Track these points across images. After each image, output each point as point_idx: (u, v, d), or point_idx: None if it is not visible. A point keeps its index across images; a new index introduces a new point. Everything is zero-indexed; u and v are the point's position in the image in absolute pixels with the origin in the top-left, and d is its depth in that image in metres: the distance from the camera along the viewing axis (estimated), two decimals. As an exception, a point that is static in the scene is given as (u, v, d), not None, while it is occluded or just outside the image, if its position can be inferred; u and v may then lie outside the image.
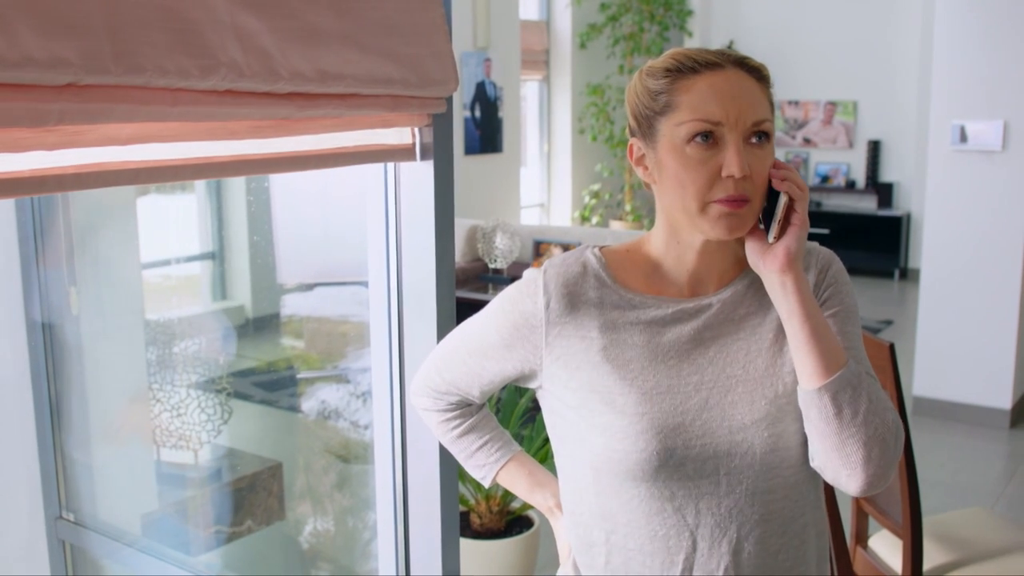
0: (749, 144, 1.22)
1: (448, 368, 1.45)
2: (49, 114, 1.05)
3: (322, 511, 3.04)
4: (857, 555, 2.74)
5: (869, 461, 1.19)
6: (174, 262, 3.25)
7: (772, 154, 1.26)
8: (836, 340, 1.23)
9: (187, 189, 3.33)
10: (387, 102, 1.50)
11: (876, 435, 1.19)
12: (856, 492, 1.23)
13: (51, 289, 2.47)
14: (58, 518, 2.56)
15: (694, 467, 1.25)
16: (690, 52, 1.26)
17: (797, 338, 1.22)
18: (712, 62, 1.24)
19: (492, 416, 1.56)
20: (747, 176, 1.21)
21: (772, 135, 1.25)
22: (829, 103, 10.07)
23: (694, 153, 1.22)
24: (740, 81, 1.23)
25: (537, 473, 1.53)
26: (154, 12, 1.14)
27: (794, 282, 1.23)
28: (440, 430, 1.53)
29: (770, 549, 1.28)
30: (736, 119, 1.21)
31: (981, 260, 5.24)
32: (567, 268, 1.34)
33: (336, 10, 1.40)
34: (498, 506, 3.37)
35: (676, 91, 1.24)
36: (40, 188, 1.16)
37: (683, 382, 1.28)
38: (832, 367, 1.20)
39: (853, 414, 1.19)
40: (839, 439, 1.20)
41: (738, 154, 1.20)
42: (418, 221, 1.70)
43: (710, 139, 1.21)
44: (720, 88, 1.22)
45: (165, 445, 2.79)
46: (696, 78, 1.23)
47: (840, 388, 1.19)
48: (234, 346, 3.13)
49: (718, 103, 1.21)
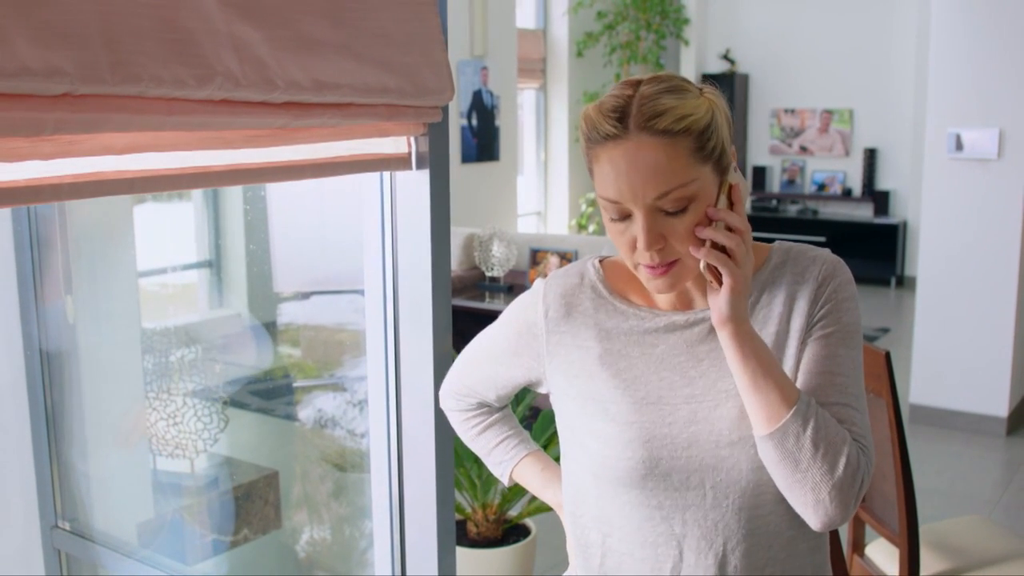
0: (661, 214, 1.18)
1: (468, 373, 1.52)
2: (45, 124, 1.05)
3: (319, 519, 3.04)
4: (854, 563, 2.74)
5: (818, 504, 1.18)
6: (171, 270, 3.25)
7: (697, 212, 1.19)
8: (782, 387, 1.19)
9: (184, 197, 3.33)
10: (383, 111, 1.50)
11: (823, 479, 1.17)
12: (816, 529, 1.22)
13: (48, 298, 2.47)
14: (54, 527, 2.56)
15: (680, 478, 1.26)
16: (597, 116, 1.20)
17: (739, 387, 1.21)
18: (611, 134, 1.18)
19: (512, 416, 1.61)
20: (663, 246, 1.19)
21: (694, 196, 1.18)
22: (825, 111, 10.08)
23: (611, 225, 1.23)
24: (639, 152, 1.16)
25: (550, 470, 1.56)
26: (150, 22, 1.14)
27: (729, 336, 1.20)
28: (462, 429, 1.60)
29: (757, 563, 1.28)
30: (633, 197, 1.17)
31: (977, 268, 5.25)
32: (566, 278, 1.38)
33: (332, 20, 1.40)
34: (495, 514, 3.37)
35: (591, 157, 1.22)
36: (36, 198, 1.17)
37: (674, 393, 1.28)
38: (773, 418, 1.18)
39: (796, 462, 1.17)
40: (787, 483, 1.19)
41: (644, 230, 1.18)
42: (414, 230, 1.70)
43: (621, 213, 1.20)
44: (617, 165, 1.17)
45: (162, 454, 2.78)
46: (600, 150, 1.20)
47: (782, 438, 1.18)
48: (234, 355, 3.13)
49: (615, 183, 1.18)
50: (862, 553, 2.75)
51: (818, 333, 1.26)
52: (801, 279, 1.29)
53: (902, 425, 2.38)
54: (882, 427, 2.40)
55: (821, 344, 1.26)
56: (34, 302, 2.45)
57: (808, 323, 1.27)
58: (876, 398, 2.41)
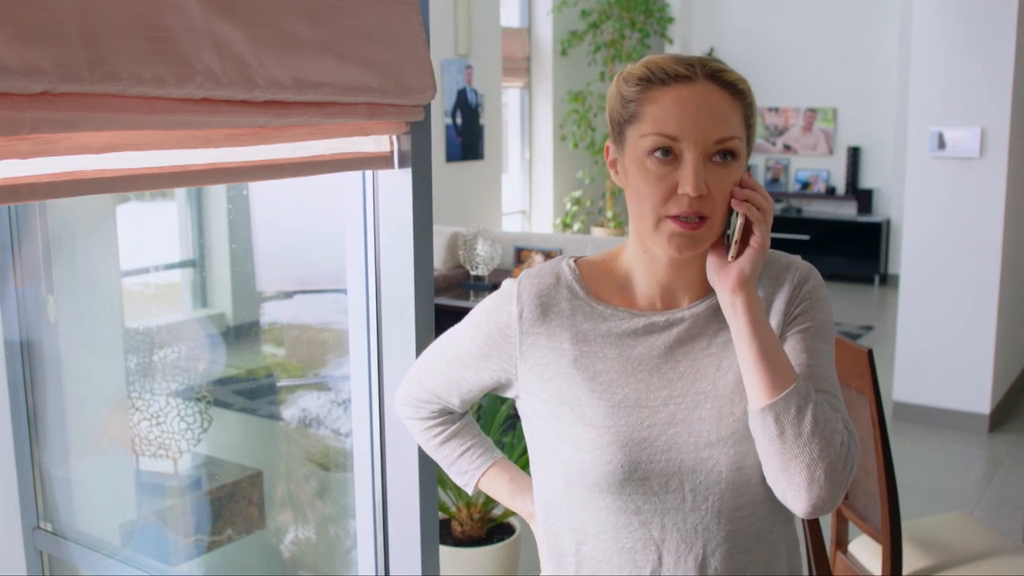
0: (711, 162, 1.20)
1: (429, 378, 1.46)
2: (23, 122, 1.05)
3: (303, 519, 3.03)
4: (837, 560, 2.75)
5: (812, 483, 1.17)
6: (154, 270, 3.24)
7: (738, 171, 1.23)
8: (786, 361, 1.21)
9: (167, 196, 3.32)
10: (364, 110, 1.50)
11: (821, 457, 1.17)
12: (802, 513, 1.21)
13: (28, 298, 2.45)
14: (35, 528, 2.54)
15: (659, 482, 1.25)
16: (664, 61, 1.23)
17: (744, 357, 1.22)
18: (682, 75, 1.21)
19: (474, 423, 1.56)
20: (704, 195, 1.19)
21: (740, 153, 1.23)
22: (809, 110, 10.12)
23: (653, 167, 1.21)
24: (708, 96, 1.21)
25: (518, 479, 1.53)
26: (129, 20, 1.13)
27: (744, 302, 1.22)
28: (423, 438, 1.54)
29: (738, 565, 1.28)
30: (696, 136, 1.19)
31: (960, 265, 5.28)
32: (541, 279, 1.34)
33: (313, 18, 1.39)
34: (479, 513, 3.37)
35: (644, 101, 1.22)
36: (14, 197, 1.16)
37: (652, 396, 1.27)
38: (777, 387, 1.19)
39: (796, 435, 1.17)
40: (782, 460, 1.18)
41: (695, 172, 1.18)
42: (397, 229, 1.70)
43: (670, 154, 1.20)
44: (685, 103, 1.20)
45: (144, 454, 2.77)
46: (664, 90, 1.21)
47: (783, 409, 1.18)
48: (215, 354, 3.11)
49: (679, 119, 1.19)
50: (845, 550, 2.76)
51: (795, 328, 1.29)
52: (776, 282, 1.31)
53: (885, 422, 2.39)
54: (865, 424, 2.41)
55: (799, 338, 1.28)
56: (15, 302, 2.44)
57: (785, 321, 1.30)
58: (859, 395, 2.42)
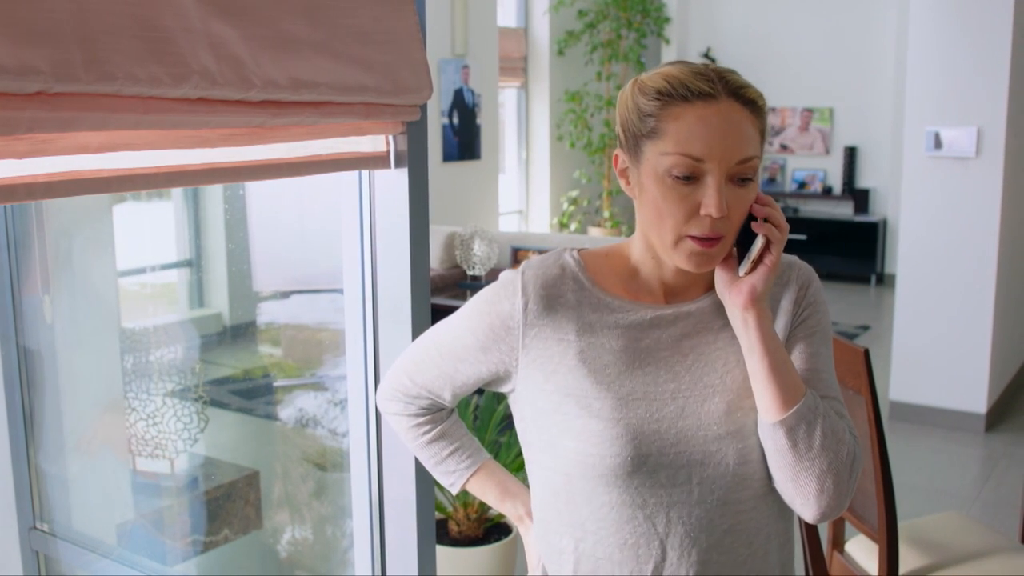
0: (731, 183, 1.20)
1: (420, 371, 1.43)
2: (19, 122, 1.05)
3: (300, 519, 3.03)
4: (833, 559, 2.75)
5: (822, 493, 1.21)
6: (150, 270, 3.23)
7: (755, 190, 1.23)
8: (795, 375, 1.23)
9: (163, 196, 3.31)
10: (361, 110, 1.50)
11: (830, 468, 1.21)
12: (811, 520, 1.25)
13: (25, 298, 2.45)
14: (32, 528, 2.54)
15: (667, 475, 1.25)
16: (685, 76, 1.20)
17: (757, 373, 1.23)
18: (705, 92, 1.18)
19: (461, 423, 1.54)
20: (727, 214, 1.19)
21: (755, 173, 1.21)
22: (805, 110, 10.13)
23: (674, 186, 1.19)
24: (731, 115, 1.19)
25: (507, 482, 1.52)
26: (125, 20, 1.13)
27: (756, 319, 1.22)
28: (409, 435, 1.51)
29: (737, 559, 1.28)
30: (720, 158, 1.17)
31: (956, 265, 5.28)
32: (546, 269, 1.32)
33: (309, 18, 1.39)
34: (476, 513, 3.37)
35: (665, 117, 1.20)
36: (10, 197, 1.15)
37: (660, 389, 1.27)
38: (789, 402, 1.21)
39: (807, 448, 1.20)
40: (793, 472, 1.22)
41: (718, 193, 1.17)
42: (393, 229, 1.70)
43: (692, 176, 1.19)
44: (709, 123, 1.18)
45: (141, 454, 2.77)
46: (686, 107, 1.19)
47: (795, 423, 1.20)
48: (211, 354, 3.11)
49: (704, 140, 1.17)
50: (842, 550, 2.76)
51: (802, 333, 1.30)
52: (780, 280, 1.32)
53: (881, 422, 2.39)
54: (861, 424, 2.41)
55: (806, 343, 1.30)
56: (11, 302, 2.44)
57: (791, 322, 1.31)
58: (855, 395, 2.42)
